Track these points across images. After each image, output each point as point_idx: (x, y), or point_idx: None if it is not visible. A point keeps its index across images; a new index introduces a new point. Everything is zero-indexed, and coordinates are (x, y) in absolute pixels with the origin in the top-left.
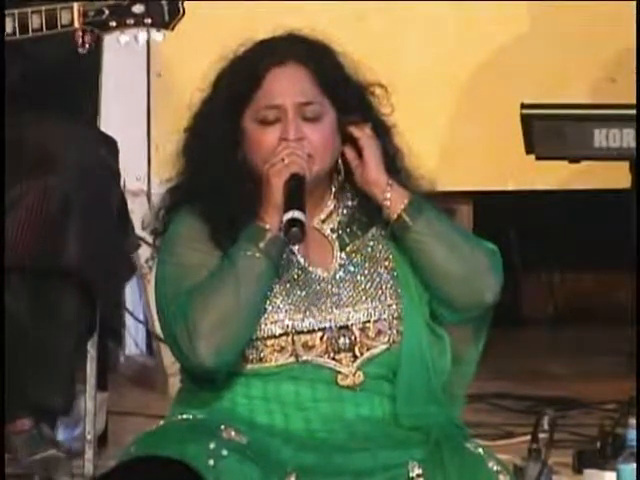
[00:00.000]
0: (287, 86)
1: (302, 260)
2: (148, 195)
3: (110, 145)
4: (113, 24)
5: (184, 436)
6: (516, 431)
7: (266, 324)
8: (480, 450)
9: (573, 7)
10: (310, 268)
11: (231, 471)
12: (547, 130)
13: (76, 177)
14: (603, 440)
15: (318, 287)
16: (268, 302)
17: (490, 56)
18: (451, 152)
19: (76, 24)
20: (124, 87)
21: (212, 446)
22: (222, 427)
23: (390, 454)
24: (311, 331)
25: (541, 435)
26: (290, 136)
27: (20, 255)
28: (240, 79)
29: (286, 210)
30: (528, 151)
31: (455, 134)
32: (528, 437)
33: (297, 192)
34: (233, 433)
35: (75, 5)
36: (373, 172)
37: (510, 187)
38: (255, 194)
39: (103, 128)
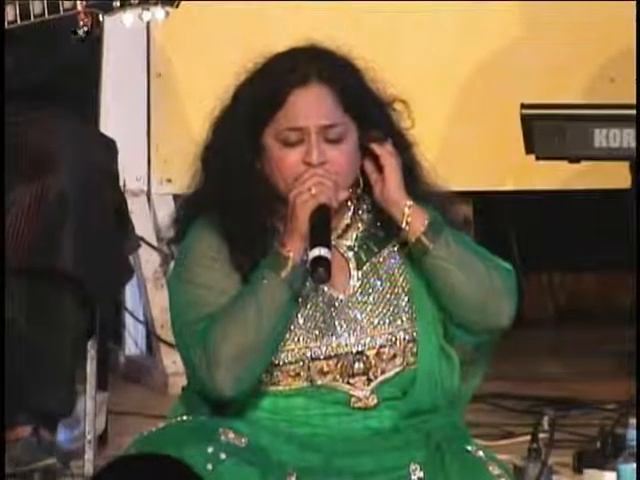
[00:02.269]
0: (311, 109)
1: None
2: (148, 195)
3: (108, 146)
4: (117, 4)
5: (182, 439)
6: (516, 431)
7: (282, 352)
8: (481, 453)
9: (573, 7)
10: (327, 290)
11: (230, 474)
12: (547, 130)
13: (73, 178)
14: (603, 440)
15: (335, 311)
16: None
17: (490, 56)
18: (451, 152)
19: (79, 7)
20: (124, 87)
21: (210, 450)
22: (220, 430)
23: (391, 457)
24: (327, 357)
25: (541, 435)
26: (313, 160)
27: (18, 257)
28: (262, 96)
29: (312, 245)
30: (528, 151)
31: (455, 134)
32: (528, 437)
33: (323, 224)
34: (232, 435)
35: None
36: (393, 192)
37: (510, 187)
38: (273, 209)
39: (103, 128)
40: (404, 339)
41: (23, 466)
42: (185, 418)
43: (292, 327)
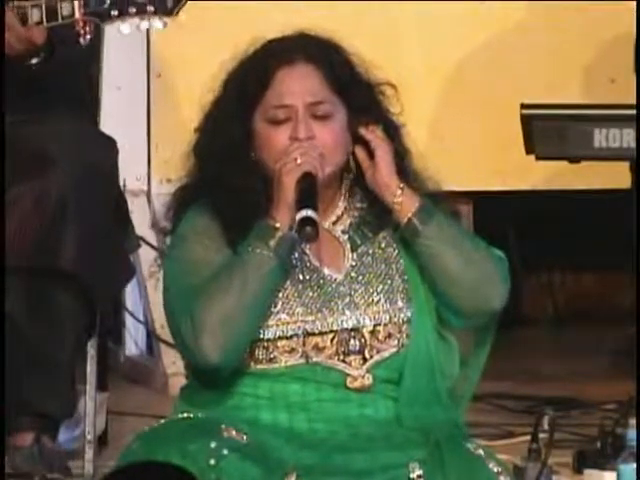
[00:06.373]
0: (297, 86)
1: (314, 261)
2: (148, 195)
3: (109, 145)
4: (115, 13)
5: (185, 434)
6: (516, 431)
7: (277, 325)
8: (480, 451)
9: (573, 7)
10: (322, 269)
11: (232, 470)
12: (547, 130)
13: (74, 177)
14: (603, 440)
15: (330, 288)
16: (280, 303)
17: (490, 56)
18: (451, 152)
19: (77, 15)
20: (124, 87)
21: (213, 445)
22: (223, 426)
23: (390, 455)
24: (322, 333)
25: (541, 435)
26: (300, 135)
27: (18, 256)
28: (250, 79)
29: (299, 209)
30: (528, 151)
31: (455, 134)
32: (528, 437)
33: (309, 191)
34: (234, 432)
35: None
36: (384, 175)
37: (510, 187)
38: (265, 194)
39: (103, 128)
40: (399, 319)
41: (23, 476)
42: (186, 415)
43: (287, 301)
